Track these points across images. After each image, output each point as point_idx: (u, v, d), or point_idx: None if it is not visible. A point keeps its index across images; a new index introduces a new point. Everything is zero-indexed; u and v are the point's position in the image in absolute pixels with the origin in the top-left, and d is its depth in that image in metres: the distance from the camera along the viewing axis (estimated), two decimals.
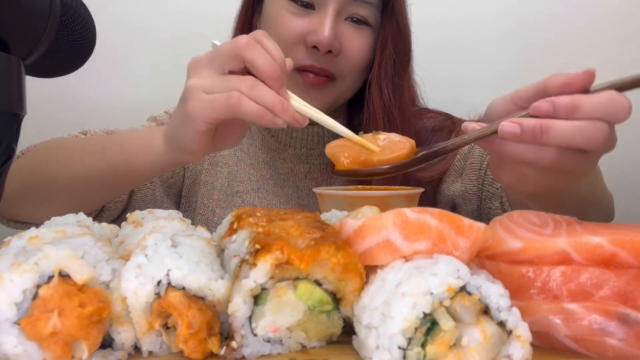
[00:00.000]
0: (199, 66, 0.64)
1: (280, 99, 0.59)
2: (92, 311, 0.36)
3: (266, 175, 0.99)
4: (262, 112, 0.59)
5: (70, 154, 0.78)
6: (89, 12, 0.55)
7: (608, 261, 0.41)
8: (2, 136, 0.45)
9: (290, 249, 0.39)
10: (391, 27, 0.89)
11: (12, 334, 0.35)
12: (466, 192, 0.90)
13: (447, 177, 0.94)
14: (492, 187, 0.86)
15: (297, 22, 0.84)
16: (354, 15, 0.86)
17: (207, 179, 1.00)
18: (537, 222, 0.46)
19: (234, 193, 0.99)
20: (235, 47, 0.60)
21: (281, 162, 0.98)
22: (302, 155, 0.97)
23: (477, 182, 0.88)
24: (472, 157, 0.90)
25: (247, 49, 0.59)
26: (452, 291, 0.36)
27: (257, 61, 0.59)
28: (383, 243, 0.40)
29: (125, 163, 0.70)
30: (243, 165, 1.00)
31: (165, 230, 0.45)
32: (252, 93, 0.59)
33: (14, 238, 0.42)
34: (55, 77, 0.56)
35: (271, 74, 0.59)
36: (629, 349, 0.38)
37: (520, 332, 0.36)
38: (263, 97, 0.59)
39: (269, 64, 0.59)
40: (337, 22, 0.84)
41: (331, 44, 0.82)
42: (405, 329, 0.35)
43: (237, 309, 0.39)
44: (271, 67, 0.59)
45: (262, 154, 0.99)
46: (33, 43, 0.49)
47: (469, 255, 0.40)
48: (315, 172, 0.98)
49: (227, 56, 0.61)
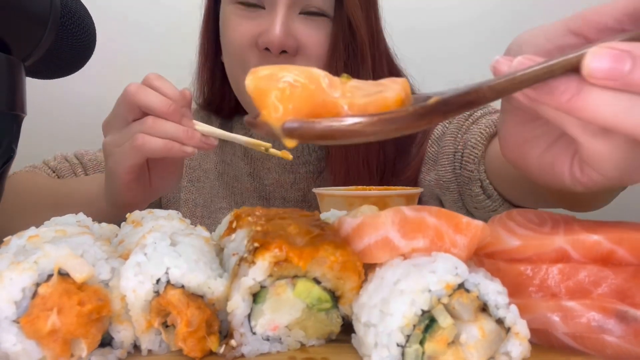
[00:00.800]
0: (108, 126, 0.68)
1: (184, 128, 0.63)
2: (92, 309, 0.36)
3: (250, 187, 0.96)
4: (169, 144, 0.62)
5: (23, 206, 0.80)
6: (89, 13, 0.56)
7: (606, 259, 0.41)
8: (2, 137, 0.45)
9: (289, 247, 0.39)
10: (341, 21, 0.80)
11: (12, 332, 0.35)
12: (440, 179, 0.83)
13: (422, 167, 0.87)
14: (467, 170, 0.78)
15: (246, 25, 0.80)
16: (307, 7, 0.79)
17: (187, 197, 0.98)
18: (535, 220, 0.46)
19: (217, 209, 0.97)
20: (127, 96, 0.64)
21: (266, 172, 0.95)
22: (286, 164, 0.94)
23: (452, 167, 0.81)
24: (444, 141, 0.83)
25: (136, 95, 0.63)
26: (450, 288, 0.36)
27: (149, 102, 0.63)
28: (381, 241, 0.41)
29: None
30: (226, 178, 0.98)
31: (165, 229, 0.45)
32: (154, 130, 0.62)
33: (13, 237, 0.42)
34: (56, 78, 0.56)
35: (166, 109, 0.62)
36: (627, 346, 0.38)
37: (518, 329, 0.37)
38: (166, 131, 0.62)
39: (160, 101, 0.63)
40: (289, 19, 0.78)
41: (284, 43, 0.77)
42: (403, 326, 0.35)
43: (236, 307, 0.39)
44: (163, 103, 0.62)
45: (244, 165, 0.97)
46: (33, 44, 0.49)
47: (467, 253, 0.40)
48: (301, 181, 0.94)
49: (124, 108, 0.65)
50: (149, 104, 0.63)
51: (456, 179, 0.81)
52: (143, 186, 0.68)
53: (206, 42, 0.93)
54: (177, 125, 0.63)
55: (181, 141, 0.62)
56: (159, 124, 0.62)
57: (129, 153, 0.63)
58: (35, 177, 0.90)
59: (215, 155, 0.99)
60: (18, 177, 0.89)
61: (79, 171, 0.93)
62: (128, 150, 0.63)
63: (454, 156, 0.81)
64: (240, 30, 0.81)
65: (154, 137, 0.62)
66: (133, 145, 0.62)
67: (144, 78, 0.66)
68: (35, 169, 0.92)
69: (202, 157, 1.00)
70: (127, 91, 0.64)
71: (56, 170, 0.92)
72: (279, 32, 0.76)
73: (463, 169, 0.79)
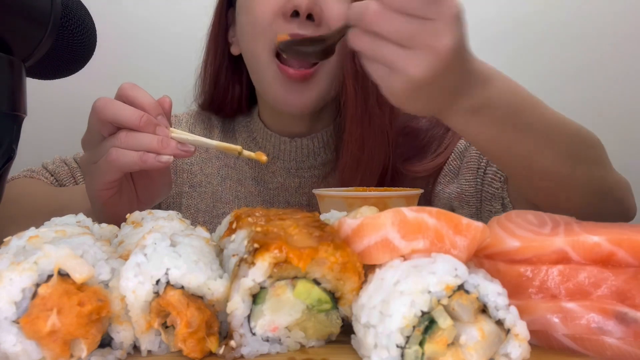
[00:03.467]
0: (84, 143, 0.67)
1: (158, 137, 0.62)
2: (91, 310, 0.36)
3: (254, 191, 0.96)
4: (143, 156, 0.61)
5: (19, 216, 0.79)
6: (90, 14, 0.56)
7: (606, 260, 0.41)
8: (2, 137, 0.45)
9: (289, 247, 0.39)
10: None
11: (12, 333, 0.36)
12: (463, 193, 0.85)
13: (442, 178, 0.88)
14: (492, 187, 0.81)
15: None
16: None
17: (189, 202, 0.97)
18: (535, 222, 0.46)
19: (220, 215, 0.96)
20: (96, 113, 0.63)
21: (270, 176, 0.95)
22: (291, 168, 0.94)
23: (475, 182, 0.83)
24: (469, 156, 0.85)
25: (104, 110, 0.62)
26: (450, 289, 0.36)
27: (118, 117, 0.62)
28: (381, 242, 0.41)
29: None
30: (229, 182, 0.97)
31: (165, 230, 0.45)
32: (127, 143, 0.61)
33: (13, 238, 0.42)
34: (56, 79, 0.56)
35: (136, 122, 0.61)
36: (626, 348, 0.38)
37: (518, 330, 0.37)
38: (139, 143, 0.61)
39: (130, 114, 0.61)
40: None
41: (311, 7, 0.77)
42: (403, 327, 0.35)
43: (235, 308, 0.39)
44: (133, 116, 0.61)
45: (249, 168, 0.97)
46: (34, 45, 0.49)
47: (466, 254, 0.40)
48: (306, 186, 0.94)
49: (95, 124, 0.64)
50: (119, 118, 0.61)
51: (477, 194, 0.83)
52: (128, 200, 0.68)
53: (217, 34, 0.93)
54: (151, 136, 0.62)
55: (156, 151, 0.61)
56: (132, 136, 0.61)
57: (104, 169, 0.63)
58: (33, 186, 0.89)
59: (217, 159, 0.98)
60: (16, 185, 0.88)
61: (78, 176, 0.92)
62: (103, 166, 0.63)
63: (477, 171, 0.83)
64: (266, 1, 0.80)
65: (128, 150, 0.61)
66: (107, 160, 0.62)
67: (119, 88, 0.65)
68: (34, 174, 0.91)
69: (203, 161, 0.99)
70: (95, 107, 0.63)
71: (55, 174, 0.92)
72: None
73: (487, 185, 0.81)
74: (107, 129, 0.63)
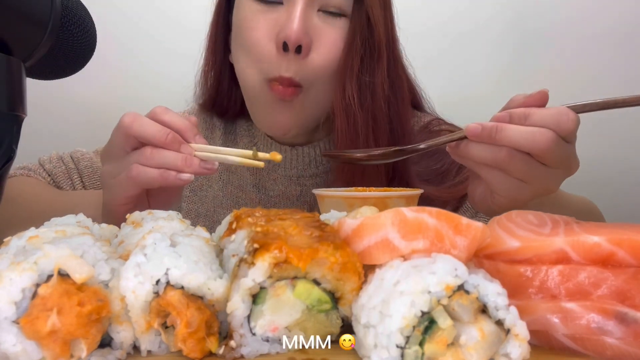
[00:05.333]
0: (105, 155, 0.68)
1: (182, 156, 0.62)
2: (91, 310, 0.36)
3: (255, 198, 0.95)
4: (164, 173, 0.62)
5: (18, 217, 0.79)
6: (90, 14, 0.56)
7: (606, 260, 0.41)
8: (2, 137, 0.45)
9: (289, 248, 0.39)
10: (360, 18, 0.80)
11: (11, 333, 0.35)
12: None
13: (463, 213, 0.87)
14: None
15: (265, 20, 0.79)
16: (326, 7, 0.79)
17: (190, 207, 0.97)
18: (535, 222, 0.46)
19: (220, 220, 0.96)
20: (122, 128, 0.63)
21: (271, 184, 0.94)
22: (293, 176, 0.93)
23: None
24: None
25: (132, 126, 0.63)
26: (450, 290, 0.36)
27: (144, 134, 0.62)
28: (381, 242, 0.41)
29: None
30: (230, 187, 0.97)
31: (165, 230, 0.45)
32: (151, 161, 0.62)
33: (13, 238, 0.42)
34: (56, 79, 0.56)
35: (161, 139, 0.62)
36: (627, 348, 0.38)
37: (518, 330, 0.36)
38: (164, 160, 0.62)
39: (156, 131, 0.62)
40: (308, 15, 0.77)
41: (301, 38, 0.76)
42: (403, 328, 0.35)
43: (235, 308, 0.39)
44: (159, 133, 0.62)
45: (250, 175, 0.96)
46: (34, 45, 0.49)
47: (466, 254, 0.40)
48: (307, 194, 0.93)
49: (119, 139, 0.64)
50: (146, 136, 0.62)
51: None
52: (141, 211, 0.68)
53: (215, 41, 0.91)
54: (175, 154, 0.62)
55: (180, 169, 0.62)
56: (156, 153, 0.62)
57: (125, 184, 0.63)
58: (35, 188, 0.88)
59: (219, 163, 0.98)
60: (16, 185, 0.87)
61: (75, 178, 0.92)
62: (124, 181, 0.63)
63: None
64: (258, 27, 0.79)
65: (150, 167, 0.62)
66: (128, 176, 0.62)
67: (151, 111, 0.65)
68: (30, 172, 0.91)
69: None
70: (122, 123, 0.63)
71: (51, 174, 0.91)
72: (297, 26, 0.75)
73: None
74: (130, 144, 0.64)
